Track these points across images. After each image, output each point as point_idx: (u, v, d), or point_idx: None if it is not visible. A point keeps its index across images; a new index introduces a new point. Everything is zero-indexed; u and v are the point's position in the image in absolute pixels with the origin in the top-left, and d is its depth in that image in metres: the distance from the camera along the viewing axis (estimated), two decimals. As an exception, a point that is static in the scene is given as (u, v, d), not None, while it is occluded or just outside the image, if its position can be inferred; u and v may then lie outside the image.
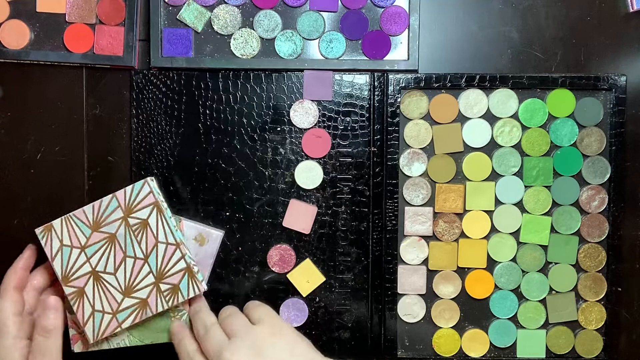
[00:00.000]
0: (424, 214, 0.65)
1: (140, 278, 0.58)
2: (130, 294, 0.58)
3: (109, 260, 0.58)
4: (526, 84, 0.64)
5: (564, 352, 0.66)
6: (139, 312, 0.58)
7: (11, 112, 0.65)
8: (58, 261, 0.58)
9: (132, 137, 0.64)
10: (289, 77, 0.64)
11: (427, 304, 0.66)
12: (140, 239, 0.58)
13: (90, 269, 0.58)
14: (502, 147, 0.65)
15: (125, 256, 0.58)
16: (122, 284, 0.58)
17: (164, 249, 0.58)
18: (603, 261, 0.66)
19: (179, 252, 0.58)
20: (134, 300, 0.58)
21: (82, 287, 0.58)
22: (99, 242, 0.58)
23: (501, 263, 0.66)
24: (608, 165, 0.65)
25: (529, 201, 0.65)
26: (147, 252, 0.58)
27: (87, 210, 0.58)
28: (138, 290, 0.58)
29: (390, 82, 0.64)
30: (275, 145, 0.65)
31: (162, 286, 0.58)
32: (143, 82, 0.64)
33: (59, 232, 0.58)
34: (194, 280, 0.58)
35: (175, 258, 0.58)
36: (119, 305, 0.58)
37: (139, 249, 0.58)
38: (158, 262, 0.58)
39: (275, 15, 0.64)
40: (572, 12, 0.65)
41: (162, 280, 0.58)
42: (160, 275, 0.58)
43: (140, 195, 0.58)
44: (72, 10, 0.64)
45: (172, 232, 0.58)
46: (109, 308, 0.58)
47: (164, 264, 0.58)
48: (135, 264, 0.58)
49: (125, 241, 0.58)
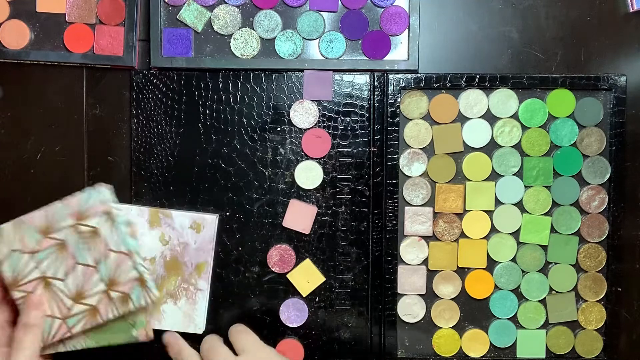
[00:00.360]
0: (424, 214, 0.65)
1: (91, 285, 0.57)
2: (79, 301, 0.57)
3: (60, 266, 0.57)
4: (526, 84, 0.64)
5: (564, 352, 0.66)
6: (88, 319, 0.57)
7: (11, 112, 0.65)
8: (7, 266, 0.57)
9: (132, 137, 0.64)
10: (289, 77, 0.64)
11: (427, 304, 0.66)
12: (91, 246, 0.57)
13: (40, 274, 0.57)
14: (502, 147, 0.65)
15: (75, 263, 0.57)
16: (72, 290, 0.57)
17: (115, 257, 0.57)
18: (603, 261, 0.66)
19: (130, 261, 0.57)
20: (84, 307, 0.57)
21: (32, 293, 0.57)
22: (50, 248, 0.57)
23: (501, 263, 0.66)
24: (608, 165, 0.65)
25: (529, 201, 0.65)
26: (97, 259, 0.57)
27: (38, 215, 0.57)
28: (88, 297, 0.57)
29: (390, 82, 0.64)
30: (275, 145, 0.65)
31: (113, 294, 0.57)
32: (143, 82, 0.64)
33: (9, 236, 0.57)
34: (146, 290, 0.57)
35: (126, 267, 0.57)
36: (68, 311, 0.57)
37: (89, 257, 0.57)
38: (109, 270, 0.57)
39: (275, 15, 0.64)
40: (572, 12, 0.65)
41: (112, 288, 0.57)
42: (111, 283, 0.57)
43: (91, 203, 0.57)
44: (72, 10, 0.64)
45: (124, 241, 0.57)
46: (58, 313, 0.57)
47: (115, 272, 0.57)
48: (85, 271, 0.57)
49: (76, 248, 0.57)
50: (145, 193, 0.65)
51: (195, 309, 0.64)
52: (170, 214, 0.63)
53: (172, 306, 0.64)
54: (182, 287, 0.64)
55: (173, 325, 0.64)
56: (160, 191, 0.65)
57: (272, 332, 0.65)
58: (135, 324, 0.59)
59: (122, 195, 0.65)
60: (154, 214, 0.63)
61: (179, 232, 0.63)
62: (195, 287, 0.63)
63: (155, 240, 0.63)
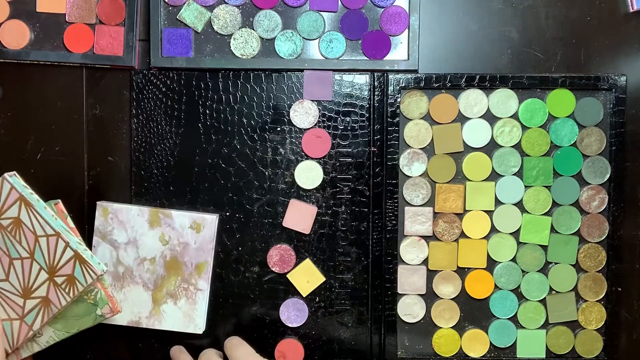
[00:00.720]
0: (424, 214, 0.65)
1: (34, 277, 0.55)
2: (29, 296, 0.55)
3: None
4: (526, 84, 0.64)
5: (564, 352, 0.66)
6: (44, 311, 0.55)
7: (11, 112, 0.65)
8: None
9: (132, 137, 0.64)
10: (289, 77, 0.64)
11: (427, 304, 0.66)
12: (19, 238, 0.55)
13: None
14: (502, 147, 0.65)
15: (11, 259, 0.55)
16: (18, 288, 0.55)
17: (45, 242, 0.54)
18: (603, 261, 0.66)
19: (61, 241, 0.54)
20: (36, 301, 0.55)
21: None
22: None
23: (501, 263, 0.66)
24: (608, 165, 0.65)
25: (529, 201, 0.65)
26: (30, 249, 0.55)
27: None
28: (35, 289, 0.55)
29: (390, 82, 0.64)
30: (275, 145, 0.65)
31: (58, 279, 0.54)
32: (143, 82, 0.64)
33: None
34: (87, 266, 0.54)
35: (60, 248, 0.54)
36: (22, 309, 0.55)
37: (21, 249, 0.55)
38: (45, 257, 0.54)
39: (275, 15, 0.64)
40: (572, 12, 0.65)
41: (55, 274, 0.54)
42: (52, 269, 0.54)
43: (3, 194, 0.54)
44: (72, 10, 0.64)
45: (49, 223, 0.54)
46: (14, 314, 0.55)
47: (51, 257, 0.54)
48: (23, 264, 0.55)
49: (5, 244, 0.55)
50: (145, 193, 0.65)
51: (195, 309, 0.64)
52: (170, 214, 0.63)
53: (172, 306, 0.64)
54: (182, 287, 0.64)
55: (173, 325, 0.64)
56: (160, 191, 0.65)
57: (272, 332, 0.65)
58: (97, 302, 0.57)
59: (122, 195, 0.65)
60: (154, 214, 0.63)
61: (179, 232, 0.63)
62: (195, 287, 0.63)
63: (155, 240, 0.63)
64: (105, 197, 0.65)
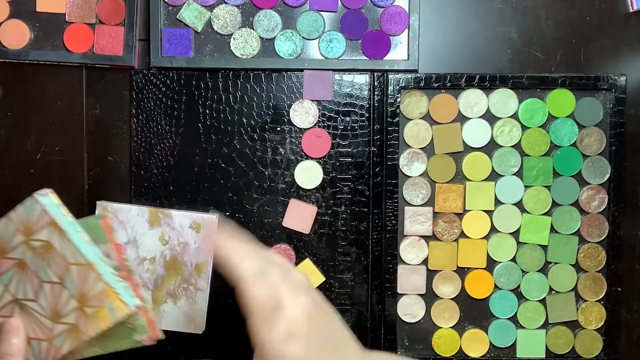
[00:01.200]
0: (423, 213, 0.65)
1: (63, 303, 0.51)
2: (58, 321, 0.51)
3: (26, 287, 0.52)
4: (526, 84, 0.64)
5: (564, 352, 0.66)
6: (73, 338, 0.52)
7: (11, 112, 0.65)
8: None
9: (132, 137, 0.64)
10: (289, 77, 0.64)
11: (427, 304, 0.66)
12: (50, 262, 0.51)
13: (11, 297, 0.51)
14: (502, 147, 0.65)
15: (41, 282, 0.51)
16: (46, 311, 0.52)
17: (77, 270, 0.51)
18: (603, 261, 0.66)
19: (93, 272, 0.50)
20: (64, 327, 0.51)
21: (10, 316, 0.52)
22: (11, 270, 0.51)
23: (501, 263, 0.66)
24: (608, 165, 0.65)
25: (529, 201, 0.65)
26: (60, 275, 0.51)
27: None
28: (64, 315, 0.51)
29: (390, 82, 0.64)
30: (275, 145, 0.65)
31: (88, 310, 0.51)
32: (143, 82, 0.64)
33: None
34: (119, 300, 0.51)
35: (91, 279, 0.51)
36: (51, 332, 0.52)
37: (51, 273, 0.51)
38: (76, 285, 0.51)
39: (275, 15, 0.64)
40: (572, 12, 0.65)
41: (86, 305, 0.51)
42: (83, 299, 0.51)
43: (33, 216, 0.50)
44: (72, 10, 0.64)
45: (81, 251, 0.50)
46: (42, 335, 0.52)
47: (82, 287, 0.51)
48: (53, 289, 0.51)
49: (36, 266, 0.51)
50: (145, 193, 0.65)
51: (195, 309, 0.63)
52: (170, 213, 0.63)
53: (172, 306, 0.64)
54: (182, 287, 0.63)
55: (173, 325, 0.64)
56: (160, 191, 0.65)
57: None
58: (136, 328, 0.54)
59: (122, 195, 0.65)
60: (154, 213, 0.63)
61: (179, 232, 0.63)
62: (195, 287, 0.63)
63: (155, 240, 0.63)
64: (105, 197, 0.65)
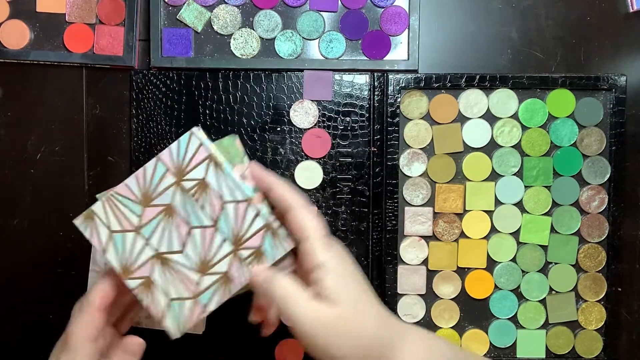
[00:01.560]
0: (423, 214, 0.65)
1: (215, 249, 0.48)
2: (207, 271, 0.48)
3: (173, 236, 0.48)
4: (526, 84, 0.64)
5: (564, 352, 0.66)
6: (223, 290, 0.48)
7: (11, 112, 0.65)
8: (112, 253, 0.47)
9: (132, 137, 0.64)
10: (289, 77, 0.64)
11: (427, 304, 0.66)
12: (203, 203, 0.47)
13: (153, 252, 0.48)
14: (502, 147, 0.65)
15: (190, 228, 0.47)
16: (194, 261, 0.48)
17: (233, 208, 0.47)
18: (603, 261, 0.66)
19: (252, 208, 0.47)
20: (214, 277, 0.48)
21: (149, 276, 0.48)
22: (155, 219, 0.48)
23: (501, 263, 0.66)
24: (608, 165, 0.65)
25: (529, 201, 0.65)
26: (214, 217, 0.47)
27: (130, 183, 0.47)
28: (215, 264, 0.48)
29: (390, 82, 0.64)
30: (275, 145, 0.65)
31: (243, 253, 0.48)
32: (143, 82, 0.64)
33: (103, 217, 0.47)
34: (278, 239, 0.47)
35: (249, 217, 0.47)
36: (197, 287, 0.48)
37: (204, 216, 0.47)
38: (231, 227, 0.47)
39: (275, 15, 0.64)
40: (572, 12, 0.65)
41: (240, 247, 0.47)
42: (237, 241, 0.47)
43: (189, 152, 0.47)
44: (72, 10, 0.64)
45: (239, 187, 0.47)
46: (187, 293, 0.48)
47: (239, 227, 0.47)
48: (204, 234, 0.48)
49: (185, 210, 0.47)
50: (145, 193, 0.64)
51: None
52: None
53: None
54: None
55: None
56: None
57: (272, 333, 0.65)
58: None
59: (122, 195, 0.65)
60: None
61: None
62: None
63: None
64: (105, 197, 0.65)
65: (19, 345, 0.65)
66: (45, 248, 0.65)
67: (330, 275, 0.43)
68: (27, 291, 0.65)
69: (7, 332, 0.65)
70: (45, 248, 0.65)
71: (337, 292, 0.43)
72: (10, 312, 0.65)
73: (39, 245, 0.65)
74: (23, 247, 0.65)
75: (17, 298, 0.65)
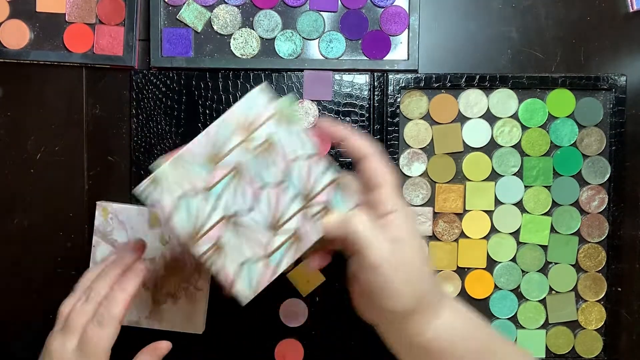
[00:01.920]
0: (423, 214, 0.65)
1: (284, 207, 0.47)
2: (278, 230, 0.47)
3: (242, 197, 0.47)
4: (526, 84, 0.64)
5: (564, 352, 0.66)
6: (294, 248, 0.48)
7: (11, 112, 0.65)
8: (178, 218, 0.46)
9: (132, 137, 0.64)
10: (289, 77, 0.64)
11: (427, 304, 0.66)
12: (272, 160, 0.47)
13: (223, 214, 0.46)
14: (502, 147, 0.65)
15: (260, 187, 0.47)
16: (265, 220, 0.47)
17: (301, 164, 0.47)
18: (603, 261, 0.66)
19: (321, 163, 0.47)
20: (285, 236, 0.47)
21: (219, 240, 0.47)
22: (224, 180, 0.46)
23: (501, 263, 0.66)
24: (608, 165, 0.65)
25: (529, 201, 0.65)
26: (283, 174, 0.47)
27: (197, 144, 0.46)
28: (285, 222, 0.47)
29: (390, 82, 0.64)
30: (275, 145, 0.64)
31: (312, 209, 0.47)
32: (143, 82, 0.64)
33: (169, 181, 0.46)
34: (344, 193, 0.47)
35: (318, 171, 0.47)
36: (267, 247, 0.47)
37: (272, 174, 0.47)
38: (301, 183, 0.47)
39: (275, 15, 0.64)
40: (572, 12, 0.65)
41: (310, 203, 0.47)
42: (307, 197, 0.47)
43: (255, 109, 0.46)
44: (72, 10, 0.64)
45: (305, 143, 0.47)
46: (258, 254, 0.47)
47: (309, 182, 0.47)
48: (274, 192, 0.47)
49: (255, 169, 0.47)
50: (145, 193, 0.64)
51: (195, 308, 0.64)
52: None
53: (172, 306, 0.64)
54: (182, 287, 0.64)
55: (173, 325, 0.64)
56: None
57: (272, 333, 0.65)
58: None
59: (122, 195, 0.65)
60: (154, 214, 0.63)
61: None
62: (195, 287, 0.63)
63: (155, 241, 0.63)
64: (105, 197, 0.65)
65: (19, 345, 0.65)
66: (45, 248, 0.65)
67: (405, 220, 0.46)
68: (27, 291, 0.65)
69: (7, 332, 0.65)
70: (45, 248, 0.65)
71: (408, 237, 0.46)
72: (10, 312, 0.65)
73: (39, 245, 0.65)
74: (23, 247, 0.65)
75: (17, 298, 0.65)
